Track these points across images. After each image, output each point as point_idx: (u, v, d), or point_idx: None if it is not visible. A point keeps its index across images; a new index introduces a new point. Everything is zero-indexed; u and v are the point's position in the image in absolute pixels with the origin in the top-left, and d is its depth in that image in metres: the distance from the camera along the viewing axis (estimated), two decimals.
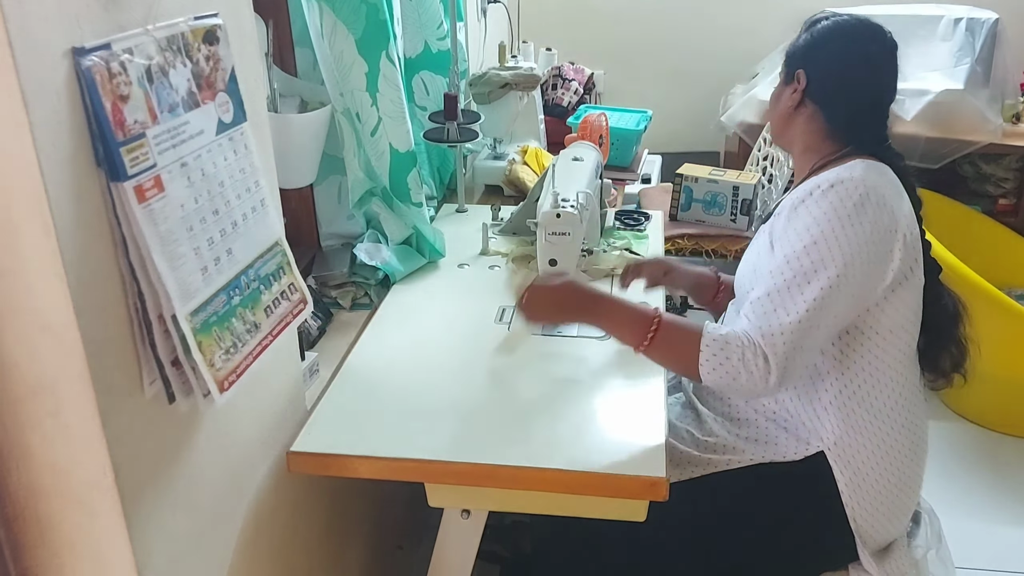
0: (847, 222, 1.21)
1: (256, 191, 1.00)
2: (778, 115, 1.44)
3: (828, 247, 1.20)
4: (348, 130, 1.56)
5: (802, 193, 1.27)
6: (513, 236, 1.89)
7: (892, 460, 1.32)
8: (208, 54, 0.90)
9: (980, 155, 2.96)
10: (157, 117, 0.82)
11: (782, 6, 3.21)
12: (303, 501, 1.34)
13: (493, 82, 2.17)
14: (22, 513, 0.76)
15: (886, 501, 1.32)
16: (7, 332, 0.70)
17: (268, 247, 1.02)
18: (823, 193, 1.24)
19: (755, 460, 1.34)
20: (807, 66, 1.38)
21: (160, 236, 0.82)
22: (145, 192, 0.80)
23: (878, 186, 1.25)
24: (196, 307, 0.87)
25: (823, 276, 1.19)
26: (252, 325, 0.97)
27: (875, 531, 1.32)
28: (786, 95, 1.41)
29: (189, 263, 0.86)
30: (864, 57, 1.37)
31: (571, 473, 1.17)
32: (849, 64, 1.37)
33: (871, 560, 1.31)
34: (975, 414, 2.61)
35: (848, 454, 1.30)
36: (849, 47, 1.38)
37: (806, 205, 1.25)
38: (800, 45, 1.41)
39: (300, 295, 1.09)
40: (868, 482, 1.31)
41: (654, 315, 1.26)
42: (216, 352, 0.90)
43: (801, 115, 1.39)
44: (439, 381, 1.37)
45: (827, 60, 1.38)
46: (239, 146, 0.96)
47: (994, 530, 2.18)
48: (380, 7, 1.49)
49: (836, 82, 1.37)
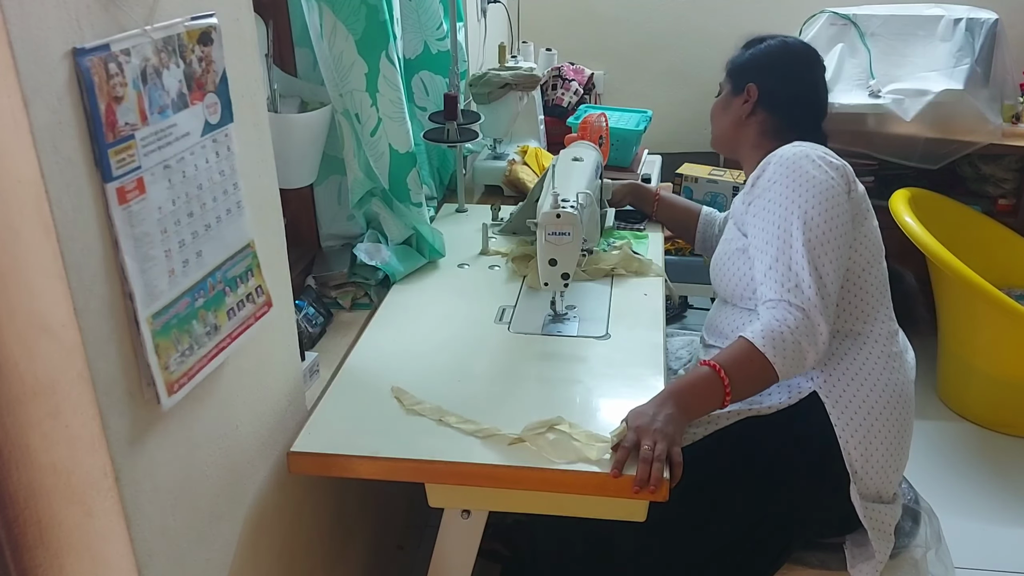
0: (797, 173, 1.37)
1: (234, 193, 0.99)
2: (728, 123, 1.61)
3: (792, 199, 1.36)
4: (348, 130, 1.56)
5: (757, 171, 1.46)
6: (513, 236, 1.89)
7: (880, 396, 1.36)
8: (201, 55, 0.90)
9: (980, 155, 2.96)
10: (147, 119, 0.82)
11: (782, 6, 3.21)
12: (303, 501, 1.34)
13: (493, 82, 2.17)
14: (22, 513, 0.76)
15: (878, 436, 1.35)
16: (7, 332, 0.70)
17: (239, 249, 1.01)
18: (776, 165, 1.41)
19: (752, 411, 1.36)
20: (758, 80, 1.55)
21: (134, 238, 0.82)
22: (126, 194, 0.80)
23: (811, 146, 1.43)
24: (158, 309, 0.86)
25: (799, 223, 1.33)
26: (212, 328, 0.96)
27: (870, 468, 1.34)
28: (736, 105, 1.58)
29: (158, 265, 0.86)
30: (809, 74, 1.58)
31: (571, 473, 1.17)
32: (794, 79, 1.56)
33: (860, 500, 1.33)
34: (975, 414, 2.61)
35: (838, 390, 1.35)
36: (794, 64, 1.58)
37: (765, 178, 1.42)
38: (747, 62, 1.59)
39: (266, 297, 1.08)
40: (859, 419, 1.34)
41: (714, 369, 1.27)
42: (172, 355, 0.89)
43: (750, 122, 1.57)
44: (439, 381, 1.37)
45: (777, 75, 1.56)
46: (222, 148, 0.96)
47: (994, 530, 2.18)
48: (380, 8, 1.49)
49: (784, 93, 1.55)
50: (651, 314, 1.58)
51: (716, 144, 1.69)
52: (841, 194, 1.36)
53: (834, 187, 1.36)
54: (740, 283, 1.46)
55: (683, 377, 1.31)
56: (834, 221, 1.34)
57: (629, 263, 1.74)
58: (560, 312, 1.56)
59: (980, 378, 2.55)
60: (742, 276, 1.45)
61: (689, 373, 1.32)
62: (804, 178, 1.36)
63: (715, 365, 1.27)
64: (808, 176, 1.36)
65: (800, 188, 1.36)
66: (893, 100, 2.79)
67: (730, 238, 1.51)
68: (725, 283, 1.50)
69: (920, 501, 1.51)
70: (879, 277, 1.44)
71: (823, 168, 1.37)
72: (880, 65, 2.85)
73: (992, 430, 2.57)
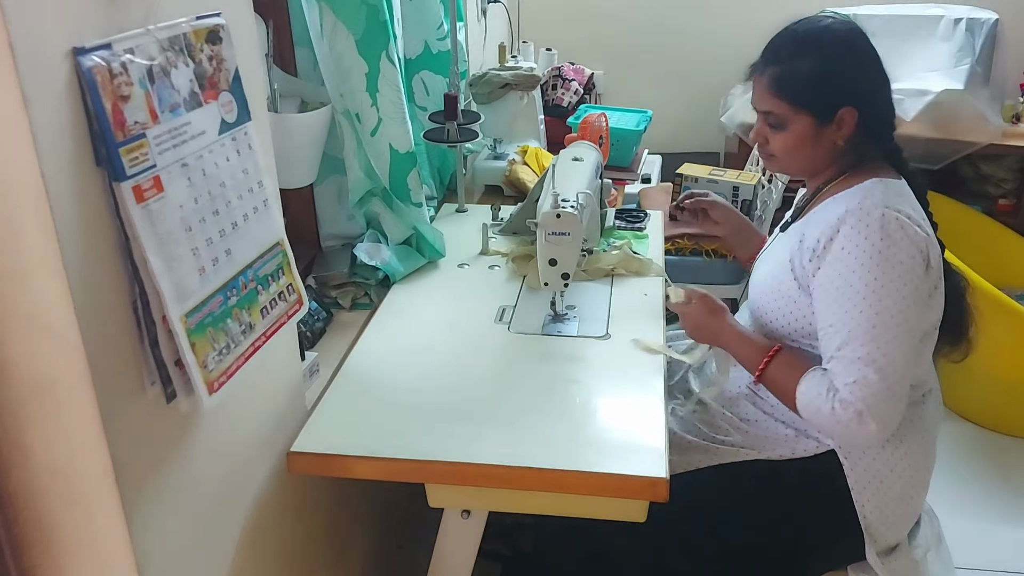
0: (875, 248, 1.21)
1: (259, 191, 1.00)
2: (819, 156, 1.35)
3: (867, 282, 1.20)
4: (348, 130, 1.56)
5: (828, 228, 1.25)
6: (513, 236, 1.89)
7: (902, 460, 1.32)
8: (211, 54, 0.90)
9: (980, 155, 2.96)
10: (158, 117, 0.82)
11: (782, 6, 3.20)
12: (303, 501, 1.34)
13: (493, 82, 2.17)
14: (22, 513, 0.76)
15: (896, 499, 1.32)
16: (7, 332, 0.70)
17: (269, 247, 1.02)
18: (852, 229, 1.22)
19: (763, 456, 1.35)
20: (853, 101, 1.29)
21: (158, 236, 0.82)
22: (144, 192, 0.80)
23: (899, 207, 1.24)
24: (191, 308, 0.87)
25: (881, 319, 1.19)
26: (247, 326, 0.97)
27: (887, 529, 1.32)
28: (828, 136, 1.32)
29: (186, 264, 0.86)
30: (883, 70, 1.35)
31: (571, 473, 1.17)
32: (881, 80, 1.34)
33: (878, 559, 1.31)
34: (975, 414, 2.61)
35: (858, 452, 1.30)
36: (870, 63, 1.33)
37: (838, 245, 1.24)
38: (826, 80, 1.29)
39: (297, 296, 1.09)
40: (877, 480, 1.31)
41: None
42: (209, 353, 0.90)
43: (842, 148, 1.33)
44: (439, 381, 1.37)
45: (868, 88, 1.32)
46: (242, 146, 0.96)
47: (994, 530, 2.18)
48: (380, 7, 1.49)
49: (882, 108, 1.34)
50: (651, 314, 1.58)
51: (786, 172, 1.54)
52: (920, 276, 1.22)
53: (913, 268, 1.21)
54: (779, 322, 1.37)
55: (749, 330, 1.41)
56: (908, 311, 1.21)
57: (629, 263, 1.74)
58: (560, 312, 1.56)
59: (980, 378, 2.55)
60: (784, 316, 1.36)
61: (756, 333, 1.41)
62: (881, 258, 1.20)
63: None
64: (886, 257, 1.20)
65: (877, 270, 1.20)
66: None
67: (778, 275, 1.36)
68: (764, 316, 1.40)
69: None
70: (928, 344, 1.33)
71: (903, 247, 1.21)
72: None
73: (992, 430, 2.57)
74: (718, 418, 1.42)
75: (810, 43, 1.31)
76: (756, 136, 1.39)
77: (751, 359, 1.35)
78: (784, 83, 1.31)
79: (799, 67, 1.30)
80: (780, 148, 1.35)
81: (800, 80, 1.30)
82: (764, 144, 1.38)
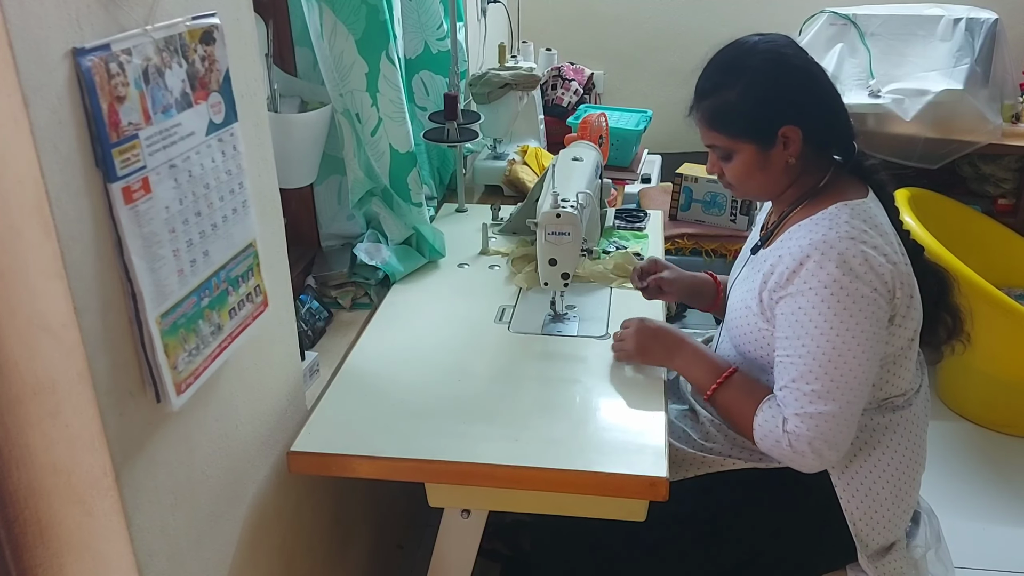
0: (836, 284, 1.19)
1: (240, 192, 0.99)
2: (771, 179, 1.32)
3: (832, 326, 1.20)
4: (348, 130, 1.56)
5: (792, 262, 1.24)
6: (513, 236, 1.89)
7: (889, 465, 1.32)
8: (204, 54, 0.90)
9: (979, 155, 2.96)
10: (151, 118, 0.81)
11: (782, 6, 3.21)
12: (303, 501, 1.34)
13: (493, 82, 2.17)
14: (22, 513, 0.76)
15: (885, 505, 1.32)
16: (7, 332, 0.70)
17: (242, 248, 1.01)
18: (815, 264, 1.21)
19: (751, 465, 1.35)
20: (793, 118, 1.26)
21: (142, 237, 0.81)
22: (132, 193, 0.80)
23: (864, 239, 1.22)
24: (167, 309, 0.86)
25: (837, 354, 1.20)
26: (216, 327, 0.96)
27: (876, 534, 1.32)
28: (775, 158, 1.29)
29: (168, 265, 0.86)
30: (825, 77, 1.31)
31: (571, 473, 1.17)
32: (821, 90, 1.30)
33: (869, 563, 1.31)
34: (975, 414, 2.61)
35: (844, 461, 1.30)
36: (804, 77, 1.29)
37: (801, 279, 1.22)
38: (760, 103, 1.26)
39: (263, 297, 1.08)
40: (865, 487, 1.31)
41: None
42: (180, 354, 0.89)
43: (794, 166, 1.30)
44: (439, 381, 1.37)
45: (805, 100, 1.28)
46: (228, 147, 0.96)
47: (994, 530, 2.18)
48: (380, 7, 1.49)
49: (826, 119, 1.30)
50: (651, 314, 1.58)
51: (748, 198, 1.52)
52: (882, 308, 1.21)
53: (876, 301, 1.20)
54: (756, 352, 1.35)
55: (706, 348, 1.40)
56: (868, 343, 1.20)
57: (624, 269, 1.72)
58: (560, 312, 1.56)
59: (979, 378, 2.55)
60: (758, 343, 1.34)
61: (713, 353, 1.41)
62: (844, 294, 1.19)
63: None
64: (848, 293, 1.19)
65: (838, 306, 1.19)
66: (893, 100, 2.79)
67: (751, 305, 1.33)
68: (741, 343, 1.38)
69: (920, 501, 1.51)
70: (906, 356, 1.32)
71: (866, 280, 1.20)
72: (880, 65, 2.85)
73: (992, 430, 2.57)
74: (707, 424, 1.42)
75: (734, 70, 1.29)
76: (711, 169, 1.38)
77: (701, 380, 1.36)
78: (717, 117, 1.30)
79: (727, 97, 1.28)
80: (733, 178, 1.34)
81: (731, 111, 1.28)
82: (721, 176, 1.37)
